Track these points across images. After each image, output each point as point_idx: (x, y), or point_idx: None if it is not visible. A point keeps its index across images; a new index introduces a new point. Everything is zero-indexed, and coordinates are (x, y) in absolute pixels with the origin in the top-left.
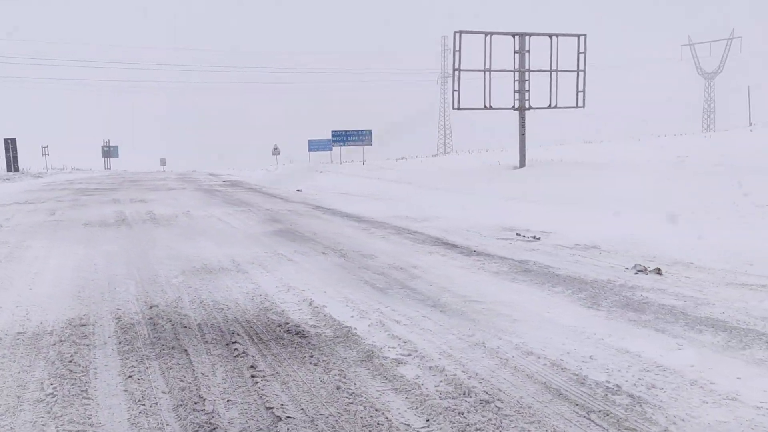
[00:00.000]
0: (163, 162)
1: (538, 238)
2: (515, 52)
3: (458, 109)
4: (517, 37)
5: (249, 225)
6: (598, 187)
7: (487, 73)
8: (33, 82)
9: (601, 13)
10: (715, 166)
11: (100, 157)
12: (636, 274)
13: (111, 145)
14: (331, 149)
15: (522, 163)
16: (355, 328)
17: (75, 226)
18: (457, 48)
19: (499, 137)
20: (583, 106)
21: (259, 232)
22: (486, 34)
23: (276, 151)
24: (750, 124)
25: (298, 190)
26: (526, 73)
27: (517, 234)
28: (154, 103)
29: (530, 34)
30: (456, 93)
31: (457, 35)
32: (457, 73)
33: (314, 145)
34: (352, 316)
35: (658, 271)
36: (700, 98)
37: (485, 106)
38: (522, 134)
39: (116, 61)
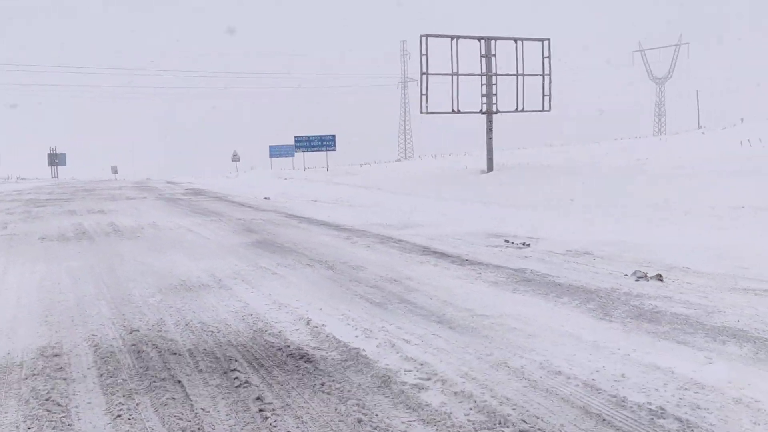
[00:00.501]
0: (114, 170)
1: (528, 245)
2: (482, 56)
3: (427, 113)
4: (483, 41)
5: (223, 236)
6: (571, 190)
7: (455, 77)
8: None
9: (558, 18)
10: (674, 168)
11: (46, 166)
12: (637, 281)
13: (58, 152)
14: (293, 155)
15: (490, 168)
16: (364, 350)
17: (31, 240)
18: (423, 52)
19: (461, 141)
20: (549, 110)
21: (235, 243)
22: (452, 38)
23: (235, 158)
24: (699, 127)
25: (265, 198)
26: (494, 77)
27: (505, 240)
28: (103, 108)
29: (496, 38)
30: (424, 97)
31: (424, 39)
32: (424, 77)
33: (276, 151)
34: (357, 336)
35: (659, 278)
36: (652, 102)
37: (453, 110)
38: (489, 138)
39: (62, 65)
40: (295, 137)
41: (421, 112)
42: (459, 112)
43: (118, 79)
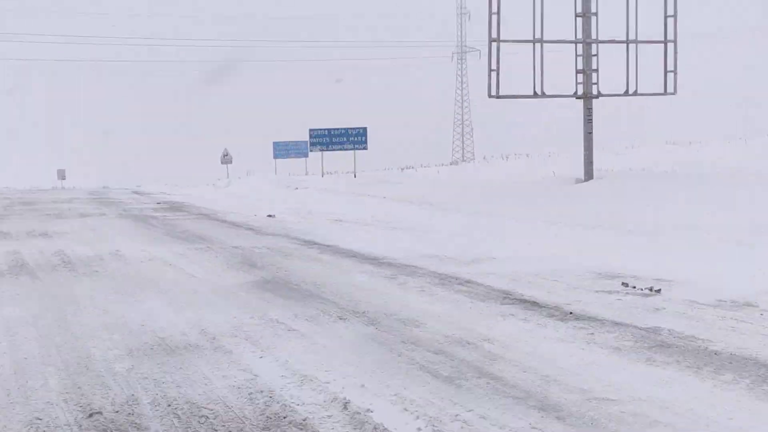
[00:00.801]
0: (61, 174)
1: (658, 291)
2: (577, 15)
3: (498, 97)
4: None
5: (215, 272)
6: (713, 208)
7: (538, 45)
8: None
9: None
10: None
11: None
12: None
13: None
14: (307, 155)
15: (589, 175)
16: None
17: None
18: (494, 10)
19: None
20: (674, 92)
21: (232, 283)
22: None
23: (226, 159)
24: None
25: (270, 216)
26: (593, 46)
27: (623, 284)
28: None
29: None
30: (494, 74)
31: None
32: (494, 45)
33: (282, 150)
34: (420, 429)
35: None
36: None
37: (535, 93)
38: (588, 133)
39: None
40: (311, 130)
41: (489, 96)
42: (544, 95)
43: (64, 49)
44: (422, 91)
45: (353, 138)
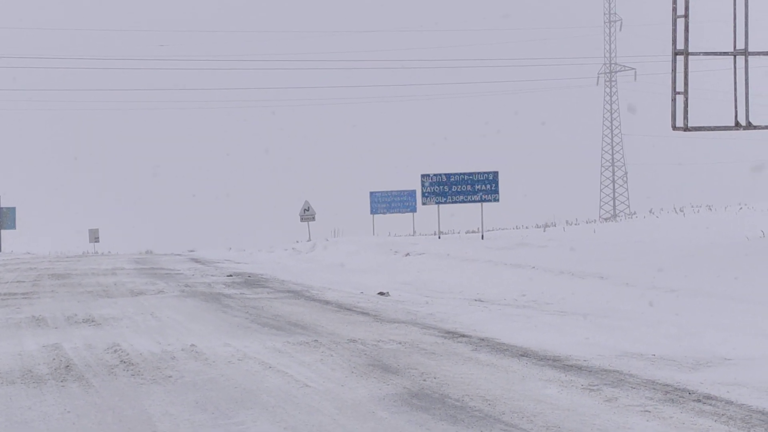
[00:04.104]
0: (93, 236)
1: None
2: None
3: (685, 129)
4: None
5: (336, 380)
6: None
7: (741, 58)
8: None
9: None
10: None
11: None
12: None
13: (2, 206)
14: (414, 209)
15: None
16: None
17: None
18: (680, 12)
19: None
20: None
21: (364, 397)
22: None
23: (308, 215)
24: None
25: (382, 294)
26: None
27: None
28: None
29: None
30: (681, 98)
31: None
32: (681, 60)
33: (383, 203)
34: None
35: None
36: None
37: (737, 123)
38: None
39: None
40: (424, 177)
41: (675, 127)
42: (750, 126)
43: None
44: (559, 124)
45: (480, 186)
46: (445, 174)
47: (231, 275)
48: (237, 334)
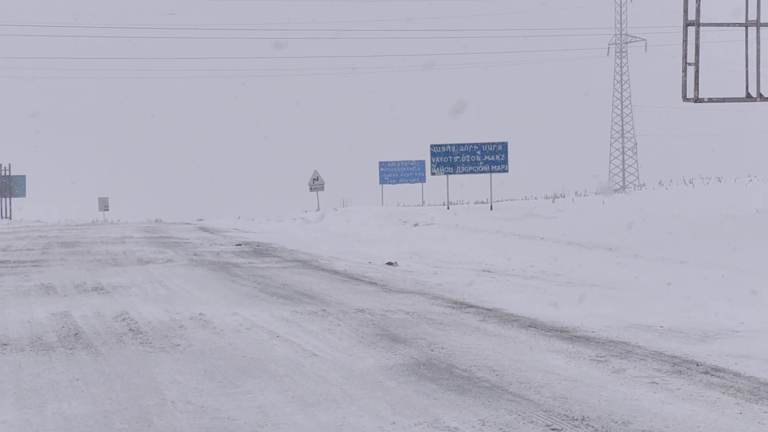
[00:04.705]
0: (103, 204)
1: None
2: None
3: (695, 100)
4: None
5: (344, 349)
6: None
7: (752, 29)
8: None
9: None
10: None
11: None
12: None
13: (12, 174)
14: (424, 180)
15: None
16: None
17: None
18: None
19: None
20: None
21: (372, 366)
22: None
23: (317, 185)
24: None
25: (390, 264)
26: None
27: None
28: (75, 105)
29: None
30: (691, 69)
31: None
32: (692, 31)
33: (392, 173)
34: None
35: None
36: None
37: (748, 95)
38: None
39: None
40: (433, 147)
41: (685, 99)
42: (762, 98)
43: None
44: (568, 96)
45: (489, 157)
46: (455, 144)
47: (240, 244)
48: (245, 303)
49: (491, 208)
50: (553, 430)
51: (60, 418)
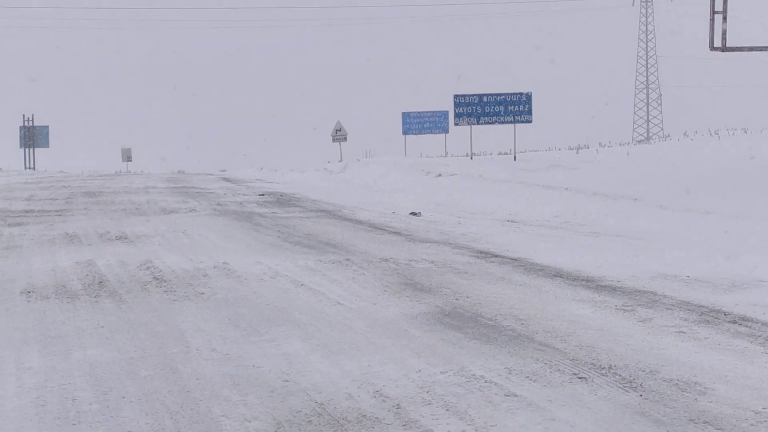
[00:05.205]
0: (126, 155)
1: None
2: None
3: (723, 49)
4: None
5: (368, 298)
6: None
7: None
8: None
9: None
10: None
11: (18, 147)
12: None
13: (35, 125)
14: (447, 130)
15: None
16: None
17: (5, 297)
18: None
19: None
20: None
21: (397, 315)
22: None
23: (339, 136)
24: None
25: (413, 214)
26: None
27: None
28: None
29: None
30: (719, 18)
31: None
32: None
33: (415, 123)
34: None
35: None
36: None
37: None
38: None
39: None
40: (456, 97)
41: (712, 48)
42: None
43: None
44: (592, 47)
45: (513, 107)
46: (478, 95)
47: (263, 194)
48: (269, 252)
49: (515, 159)
50: (580, 378)
51: (85, 365)
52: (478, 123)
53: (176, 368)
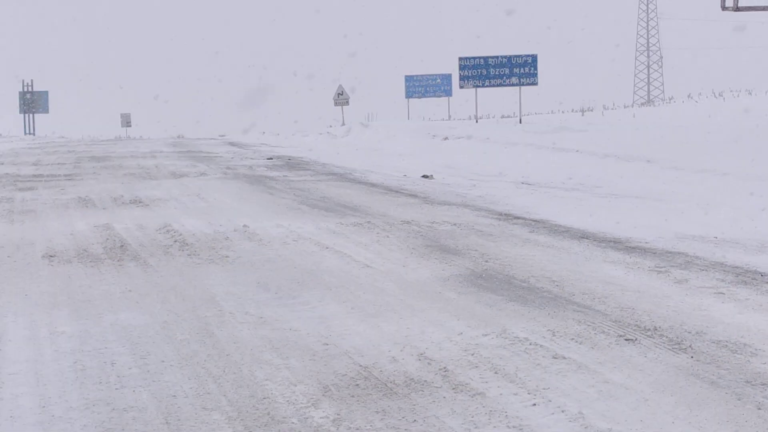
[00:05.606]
0: (125, 120)
1: None
2: None
3: (735, 8)
4: None
5: (396, 260)
6: None
7: None
8: None
9: None
10: None
11: (17, 113)
12: None
13: (34, 90)
14: (450, 93)
15: None
16: None
17: (29, 261)
18: None
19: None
20: None
21: (428, 277)
22: None
23: (342, 99)
24: None
25: (425, 177)
26: None
27: None
28: (98, 22)
29: None
30: None
31: None
32: None
33: (418, 86)
34: None
35: None
36: None
37: None
38: None
39: None
40: (462, 59)
41: (724, 8)
42: None
43: None
44: (592, 9)
45: (518, 69)
46: (483, 57)
47: (271, 158)
48: (287, 215)
49: (520, 122)
50: (627, 340)
51: (119, 328)
52: (483, 86)
53: (212, 332)
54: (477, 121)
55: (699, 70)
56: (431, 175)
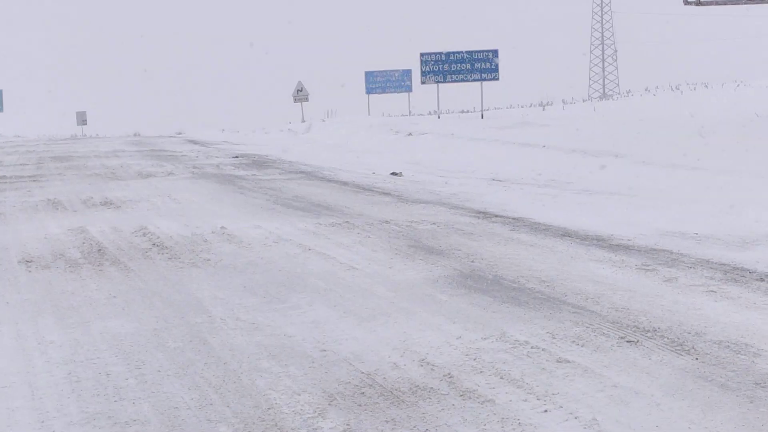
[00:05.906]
0: (81, 119)
1: None
2: None
3: (698, 3)
4: None
5: (381, 261)
6: None
7: None
8: None
9: None
10: None
11: None
12: None
13: None
14: (410, 89)
15: None
16: None
17: (4, 267)
18: None
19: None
20: None
21: (416, 279)
22: None
23: (301, 96)
24: None
25: (395, 174)
26: None
27: None
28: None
29: None
30: None
31: None
32: None
33: (378, 82)
34: None
35: None
36: None
37: None
38: None
39: None
40: (423, 55)
41: (686, 3)
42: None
43: None
44: (546, 3)
45: (480, 65)
46: (445, 53)
47: (236, 156)
48: (263, 215)
49: (482, 117)
50: (629, 342)
51: (109, 337)
52: (445, 81)
53: (205, 339)
54: (439, 117)
55: (654, 64)
56: (400, 173)
